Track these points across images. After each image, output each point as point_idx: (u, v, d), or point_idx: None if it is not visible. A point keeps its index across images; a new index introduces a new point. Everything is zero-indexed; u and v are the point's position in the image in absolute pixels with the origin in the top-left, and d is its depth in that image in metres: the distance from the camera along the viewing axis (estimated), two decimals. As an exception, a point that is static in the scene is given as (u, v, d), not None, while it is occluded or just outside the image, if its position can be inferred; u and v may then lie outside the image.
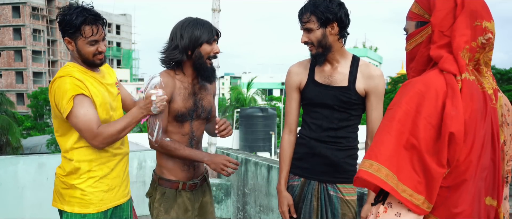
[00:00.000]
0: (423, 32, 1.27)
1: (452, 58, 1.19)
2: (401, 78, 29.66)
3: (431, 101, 1.14)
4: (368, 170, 1.14)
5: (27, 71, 41.94)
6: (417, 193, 1.11)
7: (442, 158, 1.12)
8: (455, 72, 1.17)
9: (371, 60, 42.58)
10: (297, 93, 2.13)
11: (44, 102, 31.43)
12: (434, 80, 1.17)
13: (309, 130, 2.09)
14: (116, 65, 55.38)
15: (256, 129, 16.54)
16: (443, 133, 1.11)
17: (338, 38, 1.98)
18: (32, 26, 41.93)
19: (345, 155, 2.05)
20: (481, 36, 1.21)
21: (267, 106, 22.76)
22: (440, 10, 1.22)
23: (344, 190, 2.04)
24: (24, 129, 27.99)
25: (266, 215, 3.77)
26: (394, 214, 1.14)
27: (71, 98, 1.87)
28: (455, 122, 1.11)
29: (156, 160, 2.22)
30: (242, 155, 4.32)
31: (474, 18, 1.21)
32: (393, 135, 1.14)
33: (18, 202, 4.06)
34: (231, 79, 61.21)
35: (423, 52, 1.27)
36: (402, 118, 1.14)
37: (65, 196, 2.04)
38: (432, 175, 1.11)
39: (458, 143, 1.12)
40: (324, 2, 1.92)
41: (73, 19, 1.91)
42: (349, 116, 2.03)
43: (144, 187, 4.61)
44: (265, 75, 39.98)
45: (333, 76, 2.03)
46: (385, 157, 1.13)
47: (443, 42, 1.21)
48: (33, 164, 4.13)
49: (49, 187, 4.18)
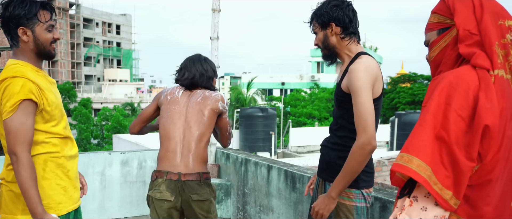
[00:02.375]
0: (446, 37, 1.30)
1: (485, 54, 1.20)
2: (401, 78, 29.62)
3: (461, 93, 1.14)
4: (398, 162, 1.13)
5: (27, 71, 41.89)
6: (445, 188, 1.10)
7: (472, 152, 1.11)
8: (488, 67, 1.18)
9: (371, 60, 42.51)
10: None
11: (44, 102, 31.38)
12: (465, 73, 1.18)
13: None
14: (116, 65, 55.36)
15: (256, 129, 16.53)
16: (476, 126, 1.10)
17: (343, 37, 1.99)
18: (32, 26, 41.88)
19: (336, 156, 2.01)
20: (508, 33, 1.23)
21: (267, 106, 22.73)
22: (462, 11, 1.25)
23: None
24: (24, 129, 27.93)
25: (266, 215, 3.77)
26: (420, 208, 1.13)
27: (18, 102, 1.74)
28: (490, 115, 1.11)
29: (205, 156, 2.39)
30: (242, 155, 4.32)
31: (497, 18, 1.23)
32: (426, 127, 1.13)
33: (18, 202, 4.06)
34: (231, 79, 61.17)
35: (450, 53, 1.29)
36: (434, 110, 1.14)
37: (18, 204, 1.83)
38: (461, 168, 1.10)
39: (493, 136, 1.11)
40: (322, 5, 2.00)
41: (30, 5, 1.82)
42: (342, 114, 1.99)
43: (144, 187, 4.61)
44: (265, 75, 39.96)
45: (339, 74, 2.10)
46: (417, 148, 1.12)
47: (472, 41, 1.22)
48: (33, 164, 4.12)
49: (49, 187, 4.19)
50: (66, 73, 47.57)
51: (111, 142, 17.87)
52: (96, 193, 4.39)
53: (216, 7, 4.42)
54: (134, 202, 4.59)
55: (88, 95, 37.09)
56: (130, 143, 9.84)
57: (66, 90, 31.98)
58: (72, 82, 43.81)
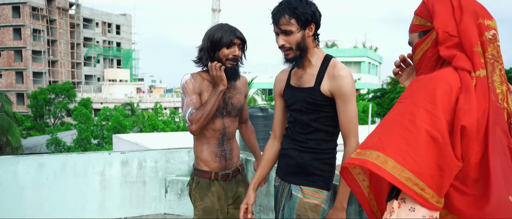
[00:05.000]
0: (427, 39, 1.31)
1: (465, 56, 1.21)
2: (401, 78, 29.53)
3: (445, 95, 1.15)
4: (375, 162, 1.13)
5: (27, 71, 41.93)
6: (428, 187, 1.10)
7: (456, 152, 1.12)
8: (469, 69, 1.19)
9: (371, 60, 42.63)
10: (280, 100, 2.16)
11: (44, 102, 31.44)
12: (448, 75, 1.19)
13: (286, 132, 2.14)
14: (116, 65, 55.36)
15: (256, 129, 16.23)
16: (455, 126, 1.11)
17: (313, 39, 1.95)
18: (32, 26, 41.92)
19: (311, 158, 1.99)
20: (486, 32, 1.24)
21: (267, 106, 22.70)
22: (441, 14, 1.26)
23: (307, 192, 1.99)
24: (24, 129, 27.99)
25: (266, 215, 3.77)
26: (408, 208, 1.13)
27: None
28: (467, 116, 1.12)
29: (194, 152, 2.43)
30: (242, 155, 4.32)
31: (476, 17, 1.24)
32: (405, 128, 1.13)
33: (18, 202, 4.06)
34: (231, 79, 60.94)
35: (430, 56, 1.30)
36: (415, 111, 1.14)
37: None
38: (451, 168, 1.10)
39: (471, 137, 1.12)
40: (300, 3, 1.85)
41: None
42: (319, 118, 1.95)
43: (144, 187, 4.61)
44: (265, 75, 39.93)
45: (303, 77, 1.99)
46: (394, 149, 1.12)
47: (452, 43, 1.23)
48: (33, 164, 4.13)
49: (49, 187, 4.19)
50: (66, 73, 47.56)
51: (111, 142, 17.87)
52: (96, 193, 4.40)
53: (216, 7, 4.43)
54: (134, 202, 4.59)
55: (88, 95, 37.10)
56: (130, 143, 9.84)
57: (66, 90, 31.97)
58: (72, 82, 43.83)
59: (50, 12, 44.43)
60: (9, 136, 19.52)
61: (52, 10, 44.51)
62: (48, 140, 22.09)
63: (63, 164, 4.20)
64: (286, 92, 2.08)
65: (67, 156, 4.27)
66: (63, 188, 4.23)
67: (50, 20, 44.62)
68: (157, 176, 4.69)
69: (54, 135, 22.55)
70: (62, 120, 32.70)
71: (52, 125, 31.87)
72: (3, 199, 4.01)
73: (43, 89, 32.31)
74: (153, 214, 4.67)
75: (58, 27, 45.75)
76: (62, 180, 4.21)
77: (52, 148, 21.80)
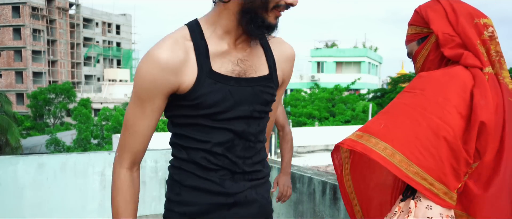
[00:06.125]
0: (427, 44, 1.31)
1: (472, 54, 1.21)
2: (401, 78, 29.54)
3: (459, 90, 1.15)
4: (382, 153, 1.10)
5: (27, 71, 41.90)
6: (438, 182, 1.10)
7: (469, 149, 1.11)
8: (479, 65, 1.20)
9: (371, 60, 42.51)
10: (163, 100, 1.14)
11: (44, 102, 31.41)
12: (460, 72, 1.19)
13: (208, 163, 1.18)
14: (116, 65, 55.34)
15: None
16: (472, 123, 1.11)
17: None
18: (32, 26, 41.89)
19: (268, 194, 1.31)
20: (485, 30, 1.24)
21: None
22: (436, 19, 1.27)
23: None
24: (23, 129, 27.97)
25: None
26: (425, 206, 1.13)
27: None
28: (485, 111, 1.12)
29: None
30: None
31: (471, 18, 1.25)
32: (414, 120, 1.12)
33: (18, 202, 4.06)
34: (231, 79, 60.85)
35: (433, 58, 1.30)
36: (426, 104, 1.14)
37: None
38: (460, 162, 1.10)
39: (490, 132, 1.12)
40: None
41: None
42: (264, 126, 1.25)
43: (144, 187, 4.61)
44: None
45: (248, 60, 1.19)
46: (402, 142, 1.10)
47: (454, 43, 1.24)
48: (33, 164, 4.13)
49: (49, 187, 4.19)
50: (66, 73, 47.54)
51: (111, 142, 17.87)
52: (96, 193, 4.39)
53: (216, 7, 4.40)
54: (134, 202, 4.58)
55: (88, 95, 37.06)
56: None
57: (66, 90, 31.95)
58: (72, 82, 43.80)
59: (50, 12, 44.40)
60: (9, 136, 19.50)
61: (52, 10, 44.48)
62: (48, 140, 22.08)
63: (63, 164, 4.20)
64: (208, 87, 1.12)
65: (67, 156, 4.27)
66: (63, 188, 4.23)
67: (50, 20, 44.59)
68: (157, 176, 4.69)
69: (54, 135, 22.55)
70: (62, 120, 32.67)
71: (51, 125, 31.84)
72: (3, 199, 4.01)
73: (43, 89, 32.29)
74: (153, 214, 4.67)
75: (58, 27, 45.72)
76: (62, 180, 4.21)
77: (51, 148, 21.79)
